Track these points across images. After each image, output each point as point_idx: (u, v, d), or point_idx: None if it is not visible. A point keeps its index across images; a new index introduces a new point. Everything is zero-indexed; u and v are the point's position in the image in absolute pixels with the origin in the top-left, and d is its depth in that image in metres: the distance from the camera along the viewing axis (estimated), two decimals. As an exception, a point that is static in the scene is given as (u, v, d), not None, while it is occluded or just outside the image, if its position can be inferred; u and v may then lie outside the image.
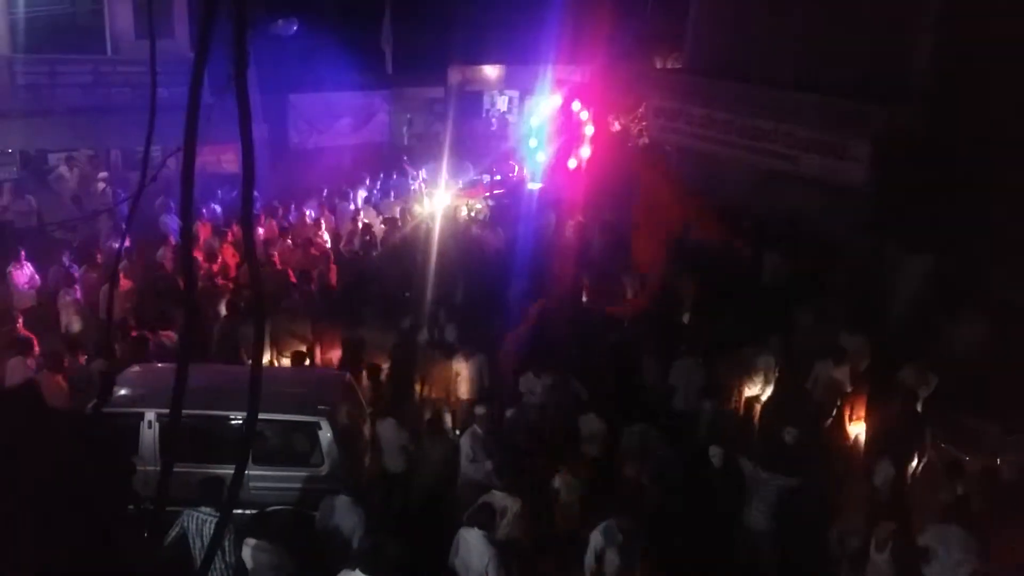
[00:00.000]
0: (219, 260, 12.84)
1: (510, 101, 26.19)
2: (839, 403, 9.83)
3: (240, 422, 7.57)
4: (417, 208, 17.44)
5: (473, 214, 17.57)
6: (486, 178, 20.45)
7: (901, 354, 10.42)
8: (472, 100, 25.13)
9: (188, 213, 1.94)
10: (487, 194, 19.18)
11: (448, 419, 9.62)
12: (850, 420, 9.74)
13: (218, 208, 16.02)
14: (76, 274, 11.72)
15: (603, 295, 12.96)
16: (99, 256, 12.44)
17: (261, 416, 7.80)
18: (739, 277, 13.26)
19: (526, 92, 24.56)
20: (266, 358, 10.00)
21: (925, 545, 6.73)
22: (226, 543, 6.67)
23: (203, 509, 6.73)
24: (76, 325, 10.72)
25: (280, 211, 16.13)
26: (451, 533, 6.88)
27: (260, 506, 7.77)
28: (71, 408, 8.64)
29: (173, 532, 6.74)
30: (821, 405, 9.86)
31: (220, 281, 11.96)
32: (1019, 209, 10.85)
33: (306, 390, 8.57)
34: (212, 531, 6.60)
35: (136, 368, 8.76)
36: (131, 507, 2.40)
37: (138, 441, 7.73)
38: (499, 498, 7.37)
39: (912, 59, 12.97)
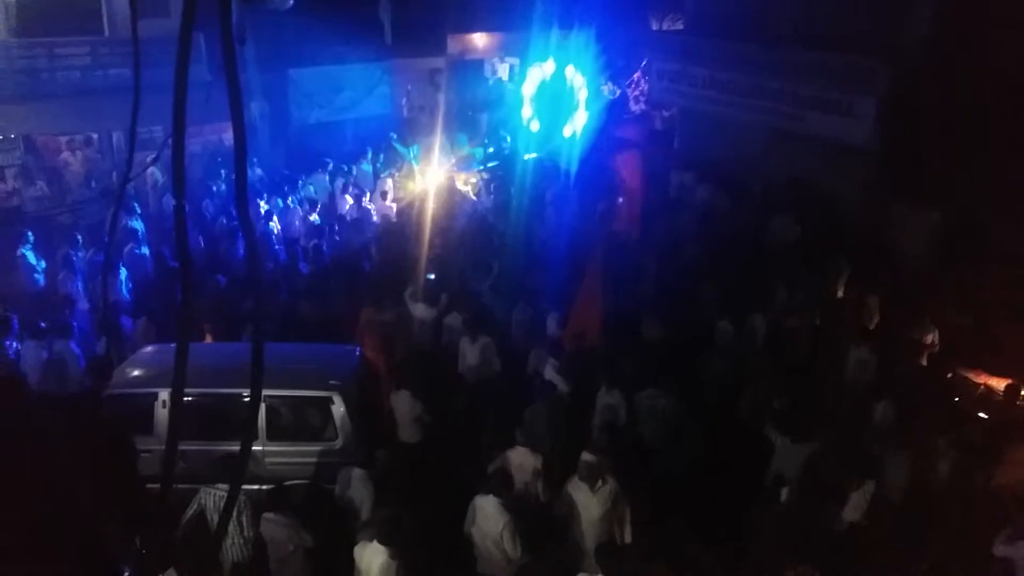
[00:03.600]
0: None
1: (511, 69, 25.92)
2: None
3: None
4: (410, 185, 17.23)
5: (469, 188, 17.34)
6: (479, 152, 20.19)
7: (908, 310, 10.44)
8: (473, 69, 24.89)
9: (179, 191, 1.96)
10: (481, 167, 18.95)
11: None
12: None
13: (223, 186, 15.99)
14: (76, 258, 11.78)
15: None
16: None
17: (274, 392, 7.94)
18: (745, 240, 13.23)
19: (526, 59, 24.31)
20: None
21: None
22: (244, 518, 6.78)
23: (220, 486, 6.82)
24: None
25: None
26: (466, 501, 6.96)
27: (277, 481, 7.86)
28: (66, 395, 8.80)
29: (191, 510, 6.85)
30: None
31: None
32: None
33: (318, 366, 8.64)
34: (227, 507, 6.68)
35: (149, 348, 8.84)
36: (139, 488, 2.42)
37: (153, 421, 7.82)
38: (520, 454, 7.46)
39: (916, 14, 12.79)
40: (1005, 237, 11.47)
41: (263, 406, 7.93)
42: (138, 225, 13.49)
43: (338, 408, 8.03)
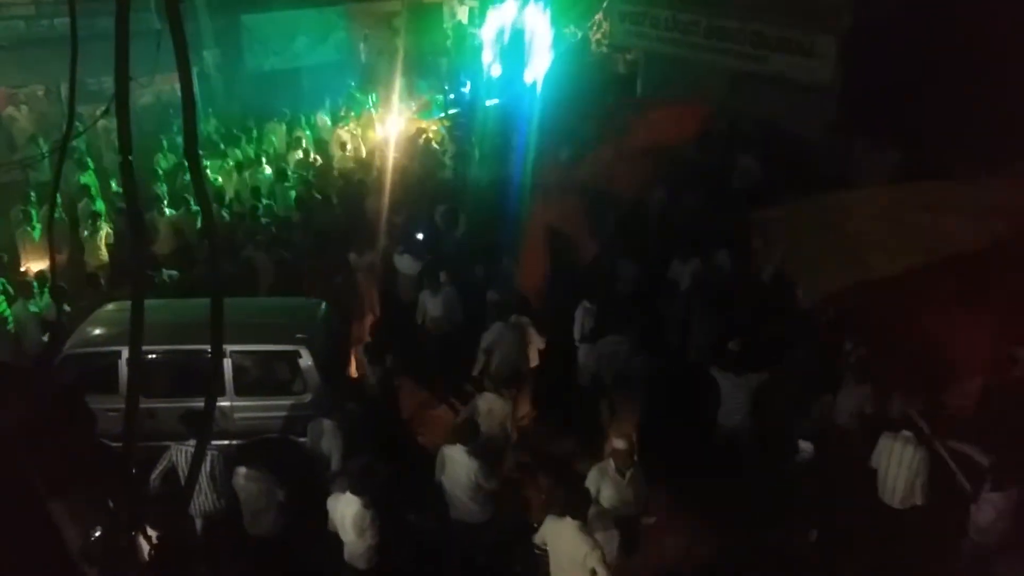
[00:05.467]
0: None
1: (470, 12, 25.39)
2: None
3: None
4: (370, 134, 16.87)
5: (431, 136, 17.01)
6: (439, 98, 19.81)
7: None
8: (432, 12, 24.36)
9: (126, 145, 1.90)
10: (443, 114, 18.58)
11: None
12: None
13: (178, 139, 15.55)
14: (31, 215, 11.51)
15: None
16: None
17: (241, 348, 7.87)
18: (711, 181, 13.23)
19: (486, 1, 23.78)
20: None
21: None
22: (216, 473, 6.77)
23: (190, 442, 6.79)
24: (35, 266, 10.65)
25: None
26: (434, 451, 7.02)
27: (248, 436, 7.86)
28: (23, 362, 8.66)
29: (161, 466, 6.82)
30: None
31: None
32: (986, 101, 10.86)
33: (284, 320, 8.57)
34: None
35: (110, 306, 8.69)
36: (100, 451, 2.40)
37: (116, 379, 7.71)
38: (488, 399, 7.61)
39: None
40: (966, 174, 11.58)
41: (230, 361, 7.87)
42: (90, 180, 13.13)
43: (306, 361, 7.99)
